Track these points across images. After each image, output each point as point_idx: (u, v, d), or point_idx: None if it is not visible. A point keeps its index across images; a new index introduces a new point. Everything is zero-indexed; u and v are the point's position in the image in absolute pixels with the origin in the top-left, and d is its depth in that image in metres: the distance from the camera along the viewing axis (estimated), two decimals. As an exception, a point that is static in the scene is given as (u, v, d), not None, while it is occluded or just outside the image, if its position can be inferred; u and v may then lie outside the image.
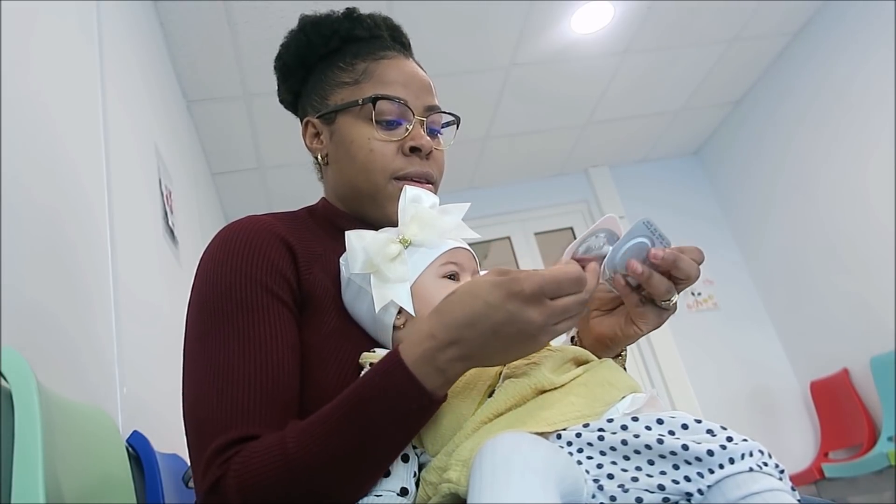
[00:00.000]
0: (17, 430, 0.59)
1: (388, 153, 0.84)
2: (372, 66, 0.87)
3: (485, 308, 0.60)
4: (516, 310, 0.59)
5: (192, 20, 2.38)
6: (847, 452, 3.17)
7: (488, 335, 0.60)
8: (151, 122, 1.99)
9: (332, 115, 0.88)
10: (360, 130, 0.85)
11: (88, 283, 1.18)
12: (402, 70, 0.88)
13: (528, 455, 0.51)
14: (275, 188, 3.54)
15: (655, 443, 0.55)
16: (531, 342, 0.62)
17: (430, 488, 0.61)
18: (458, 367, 0.62)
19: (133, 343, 1.35)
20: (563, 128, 3.63)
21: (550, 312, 0.60)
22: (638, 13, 2.84)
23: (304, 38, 0.91)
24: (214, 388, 0.66)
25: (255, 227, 0.78)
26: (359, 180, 0.86)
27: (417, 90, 0.87)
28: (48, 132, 1.11)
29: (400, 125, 0.85)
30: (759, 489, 0.52)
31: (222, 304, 0.71)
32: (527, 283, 0.59)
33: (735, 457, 0.53)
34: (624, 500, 0.54)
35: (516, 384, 0.65)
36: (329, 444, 0.60)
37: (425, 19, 2.60)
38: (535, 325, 0.60)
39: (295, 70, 0.94)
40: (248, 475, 0.60)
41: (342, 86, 0.88)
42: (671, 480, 0.54)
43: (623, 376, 0.68)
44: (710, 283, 3.82)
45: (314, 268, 0.79)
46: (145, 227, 1.68)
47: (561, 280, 0.61)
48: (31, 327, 0.90)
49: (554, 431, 0.59)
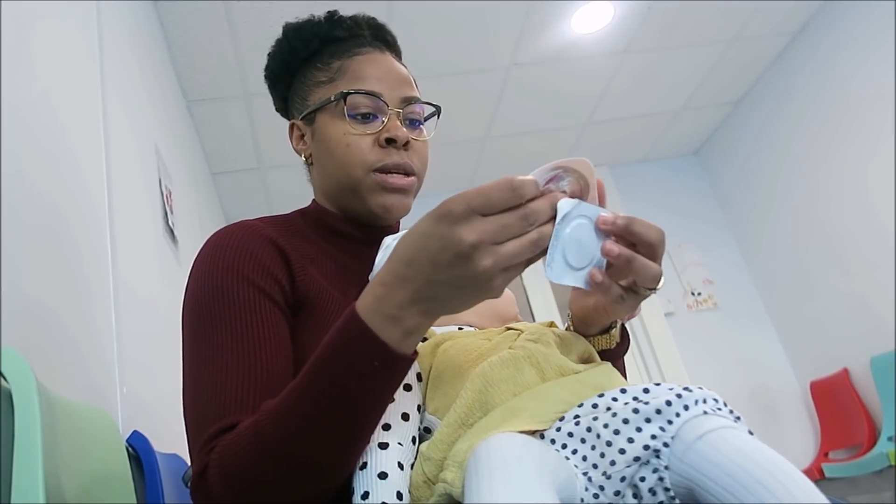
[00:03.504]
0: (17, 430, 0.59)
1: (364, 147, 0.84)
2: (346, 63, 0.88)
3: (420, 239, 0.57)
4: (446, 231, 0.55)
5: (192, 20, 2.38)
6: (847, 452, 3.17)
7: (428, 269, 0.56)
8: (151, 122, 1.99)
9: (311, 116, 0.90)
10: (336, 127, 0.86)
11: (88, 282, 1.18)
12: (376, 65, 0.88)
13: (523, 455, 0.51)
14: (275, 188, 3.53)
15: (622, 407, 0.57)
16: (472, 269, 0.54)
17: (429, 465, 0.60)
18: (412, 313, 0.58)
19: (133, 343, 1.35)
20: (563, 128, 3.63)
21: (484, 229, 0.54)
22: (638, 13, 2.84)
23: (287, 44, 0.93)
24: (208, 386, 0.67)
25: (245, 231, 0.79)
26: (339, 176, 0.86)
27: (393, 83, 0.87)
28: (48, 132, 1.11)
29: (376, 119, 0.86)
30: (712, 427, 0.53)
31: (214, 305, 0.72)
32: (453, 202, 0.55)
33: (689, 403, 0.55)
34: (610, 486, 0.55)
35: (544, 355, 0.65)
36: (296, 414, 0.59)
37: (425, 19, 2.60)
38: (467, 245, 0.54)
39: (281, 76, 0.96)
40: (228, 459, 0.60)
41: (319, 85, 0.89)
42: (641, 446, 0.54)
43: (615, 379, 0.68)
44: (710, 283, 3.82)
45: (309, 268, 0.79)
46: (145, 227, 1.68)
47: (488, 191, 0.55)
48: (31, 327, 0.90)
49: (542, 430, 0.59)
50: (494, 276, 0.55)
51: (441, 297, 0.57)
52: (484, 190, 0.55)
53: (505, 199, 0.55)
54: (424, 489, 0.60)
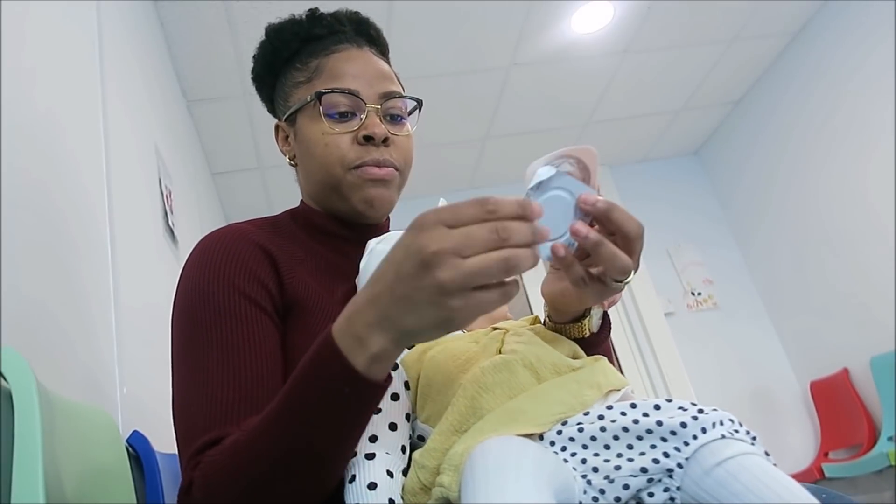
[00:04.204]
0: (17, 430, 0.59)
1: (342, 145, 0.84)
2: (323, 61, 0.88)
3: (391, 252, 0.54)
4: (410, 240, 0.52)
5: (192, 20, 2.37)
6: (847, 452, 3.17)
7: (392, 280, 0.53)
8: (151, 122, 1.99)
9: (293, 117, 0.90)
10: (314, 127, 0.86)
11: (88, 282, 1.18)
12: (352, 61, 0.87)
13: (519, 458, 0.51)
14: (275, 188, 3.53)
15: (632, 424, 0.56)
16: (430, 280, 0.50)
17: (424, 473, 0.60)
18: (376, 335, 0.54)
19: (133, 343, 1.35)
20: (563, 128, 3.63)
21: (447, 238, 0.50)
22: (638, 13, 2.84)
23: (269, 45, 0.93)
24: (194, 396, 0.68)
25: (233, 235, 0.79)
26: (321, 176, 0.86)
27: (370, 79, 0.86)
28: (48, 132, 1.11)
29: (355, 116, 0.85)
30: (731, 454, 0.53)
31: (202, 312, 0.72)
32: (423, 214, 0.52)
33: (707, 426, 0.55)
34: (612, 491, 0.55)
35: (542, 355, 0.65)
36: (270, 437, 0.58)
37: (425, 19, 2.59)
38: (428, 252, 0.50)
39: (265, 78, 0.95)
40: (210, 479, 0.61)
41: (298, 86, 0.89)
42: (651, 460, 0.54)
43: (611, 377, 0.67)
44: (709, 283, 3.82)
45: (297, 271, 0.79)
46: (145, 227, 1.68)
47: (460, 204, 0.52)
48: (31, 327, 0.90)
49: (539, 433, 0.59)
50: (454, 294, 0.50)
51: (402, 315, 0.53)
52: (456, 203, 0.53)
53: (475, 213, 0.51)
54: (421, 496, 0.60)
